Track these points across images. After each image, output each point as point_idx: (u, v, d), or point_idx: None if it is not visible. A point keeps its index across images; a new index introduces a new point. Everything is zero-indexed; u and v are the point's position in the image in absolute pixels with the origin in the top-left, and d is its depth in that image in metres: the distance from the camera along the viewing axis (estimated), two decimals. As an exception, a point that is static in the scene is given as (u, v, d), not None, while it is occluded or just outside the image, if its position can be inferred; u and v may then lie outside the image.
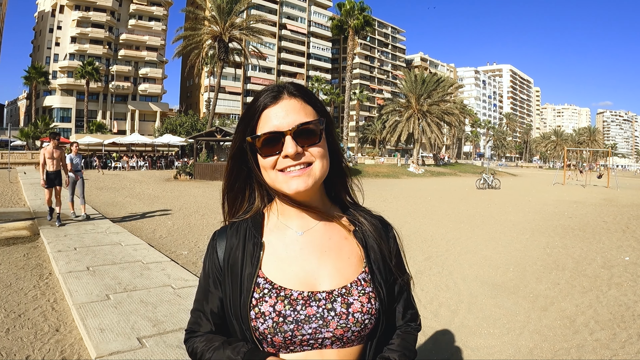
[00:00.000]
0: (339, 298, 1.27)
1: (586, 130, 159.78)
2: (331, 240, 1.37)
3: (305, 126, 1.26)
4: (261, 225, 1.39)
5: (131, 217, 14.43)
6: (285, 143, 1.25)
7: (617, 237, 13.46)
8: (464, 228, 14.44)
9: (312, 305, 1.25)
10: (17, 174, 30.85)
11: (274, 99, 1.31)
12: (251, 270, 1.30)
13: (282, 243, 1.35)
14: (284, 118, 1.27)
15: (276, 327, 1.22)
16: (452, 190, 32.58)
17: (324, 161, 1.29)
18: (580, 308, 6.89)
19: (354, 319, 1.25)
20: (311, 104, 1.33)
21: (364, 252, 1.36)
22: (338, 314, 1.25)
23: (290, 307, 1.24)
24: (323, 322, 1.24)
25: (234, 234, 1.39)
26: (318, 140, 1.28)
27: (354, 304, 1.27)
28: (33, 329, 5.29)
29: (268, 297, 1.26)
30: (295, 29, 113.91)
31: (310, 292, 1.27)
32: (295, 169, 1.26)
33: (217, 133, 34.47)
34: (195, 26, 49.74)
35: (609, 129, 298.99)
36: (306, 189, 1.26)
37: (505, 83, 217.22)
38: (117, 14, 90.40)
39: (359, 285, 1.30)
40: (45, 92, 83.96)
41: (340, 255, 1.35)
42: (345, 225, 1.41)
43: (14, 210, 14.64)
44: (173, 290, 6.48)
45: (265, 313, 1.24)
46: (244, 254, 1.34)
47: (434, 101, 67.15)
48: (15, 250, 9.17)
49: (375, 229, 1.42)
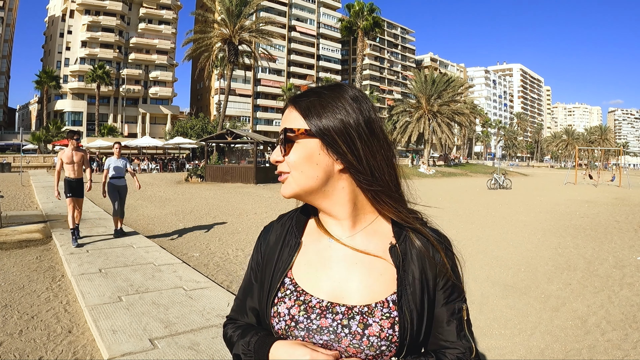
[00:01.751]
0: (357, 316, 1.17)
1: (597, 129, 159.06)
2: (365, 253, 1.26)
3: (284, 134, 1.23)
4: (303, 225, 1.35)
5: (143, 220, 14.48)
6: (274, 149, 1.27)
7: (629, 237, 13.37)
8: (474, 228, 14.40)
9: (327, 317, 1.18)
10: (29, 178, 31.07)
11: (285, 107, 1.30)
12: (282, 268, 1.28)
13: (316, 248, 1.29)
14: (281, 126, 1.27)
15: (287, 330, 1.19)
16: (463, 191, 32.46)
17: (299, 172, 1.22)
18: (591, 308, 6.85)
19: (368, 342, 1.15)
20: (300, 110, 1.23)
21: (397, 271, 1.23)
22: (352, 332, 1.16)
23: (305, 313, 1.19)
24: (335, 337, 1.16)
25: (279, 229, 1.38)
26: (285, 151, 1.23)
27: (372, 326, 1.16)
28: (46, 331, 5.33)
29: (288, 298, 1.23)
30: (304, 30, 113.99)
31: (330, 302, 1.20)
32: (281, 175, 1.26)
33: (228, 135, 34.47)
34: (204, 29, 49.86)
35: (621, 128, 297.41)
36: (287, 196, 1.25)
37: (516, 82, 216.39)
38: (127, 17, 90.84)
39: (385, 307, 1.19)
40: (57, 96, 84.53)
41: (371, 271, 1.24)
42: (387, 238, 1.28)
43: (27, 213, 14.75)
44: (185, 292, 6.51)
45: (280, 314, 1.21)
46: (281, 251, 1.32)
47: (444, 101, 66.97)
48: (28, 253, 9.24)
49: (423, 246, 1.28)
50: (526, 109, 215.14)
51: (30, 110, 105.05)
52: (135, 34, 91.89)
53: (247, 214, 16.22)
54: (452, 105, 68.33)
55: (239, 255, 9.82)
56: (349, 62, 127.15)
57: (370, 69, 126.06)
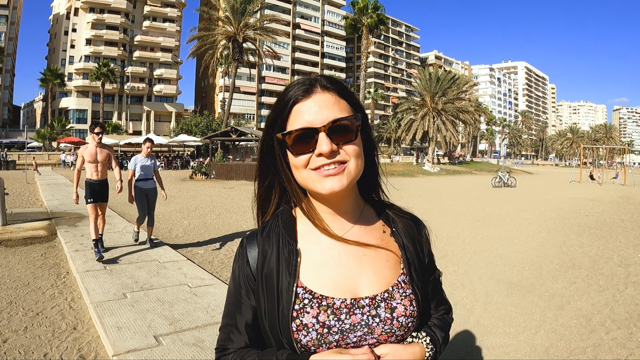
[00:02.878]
0: (382, 303, 1.21)
1: (602, 127, 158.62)
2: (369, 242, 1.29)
3: (341, 122, 1.18)
4: (294, 229, 1.31)
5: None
6: (319, 140, 1.17)
7: (634, 235, 13.34)
8: (479, 226, 14.38)
9: (356, 313, 1.19)
10: (34, 175, 31.14)
11: (306, 93, 1.22)
12: (289, 280, 1.22)
13: (319, 248, 1.28)
14: (317, 113, 1.19)
15: (321, 339, 1.16)
16: (467, 189, 32.42)
17: (359, 160, 1.22)
18: (596, 307, 6.84)
19: (398, 323, 1.21)
20: (346, 97, 1.25)
21: (401, 254, 1.31)
22: (383, 319, 1.19)
23: (334, 316, 1.18)
24: (368, 329, 1.18)
25: (266, 240, 1.31)
26: (354, 137, 1.21)
27: (397, 308, 1.22)
28: (51, 327, 5.35)
29: (309, 307, 1.19)
30: (309, 28, 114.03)
31: (352, 299, 1.21)
32: (329, 167, 1.18)
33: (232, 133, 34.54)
34: (209, 27, 49.97)
35: (626, 126, 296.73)
36: (341, 188, 1.18)
37: (520, 80, 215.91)
38: (132, 15, 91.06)
39: (400, 288, 1.25)
40: (61, 94, 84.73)
41: (379, 259, 1.28)
42: (381, 226, 1.35)
43: (32, 210, 14.78)
44: (189, 289, 6.53)
45: (308, 325, 1.17)
46: (279, 262, 1.26)
47: (448, 99, 66.86)
48: (33, 250, 9.27)
49: (410, 228, 1.38)
50: (531, 107, 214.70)
51: (35, 108, 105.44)
52: (140, 31, 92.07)
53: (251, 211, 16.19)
54: (457, 103, 68.23)
55: (244, 253, 9.81)
56: (354, 59, 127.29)
57: (374, 66, 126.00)
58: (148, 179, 9.56)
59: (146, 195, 9.49)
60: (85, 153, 8.48)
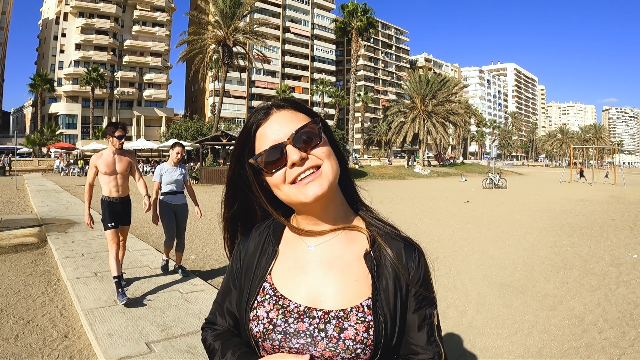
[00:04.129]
0: (333, 320, 1.20)
1: (592, 127, 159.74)
2: (342, 259, 1.29)
3: (303, 130, 1.22)
4: (280, 233, 1.37)
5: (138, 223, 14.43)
6: (287, 152, 1.20)
7: (625, 235, 13.41)
8: (471, 228, 14.41)
9: (304, 321, 1.20)
10: (24, 181, 30.98)
11: (265, 116, 1.28)
12: (260, 274, 1.30)
13: (295, 254, 1.32)
14: (279, 130, 1.23)
15: (265, 333, 1.21)
16: (458, 191, 32.52)
17: (332, 160, 1.24)
18: (588, 307, 6.87)
19: (344, 345, 1.17)
20: (301, 110, 1.30)
21: (371, 278, 1.26)
22: (328, 336, 1.18)
23: (283, 317, 1.22)
24: (311, 340, 1.18)
25: (257, 237, 1.39)
26: (319, 140, 1.23)
27: (348, 330, 1.18)
28: (42, 335, 5.31)
29: (267, 302, 1.25)
30: (298, 32, 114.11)
31: (307, 307, 1.22)
32: (306, 175, 1.20)
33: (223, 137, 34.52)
34: (199, 31, 49.88)
35: (615, 126, 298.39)
36: (323, 191, 1.20)
37: (510, 82, 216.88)
38: (121, 20, 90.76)
39: (360, 312, 1.21)
40: (51, 99, 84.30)
41: (347, 276, 1.27)
42: (363, 244, 1.32)
43: (22, 217, 14.70)
44: (181, 294, 6.50)
45: (259, 317, 1.23)
46: (260, 258, 1.34)
47: (438, 101, 67.08)
48: (23, 257, 9.20)
49: (396, 252, 1.30)
50: (520, 108, 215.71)
51: (25, 113, 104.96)
52: (129, 36, 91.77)
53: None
54: (447, 105, 68.45)
55: (235, 257, 9.78)
56: (343, 63, 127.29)
57: (364, 69, 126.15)
58: (177, 193, 7.97)
59: (175, 212, 7.92)
60: (100, 162, 6.55)
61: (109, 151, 6.64)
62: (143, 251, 9.50)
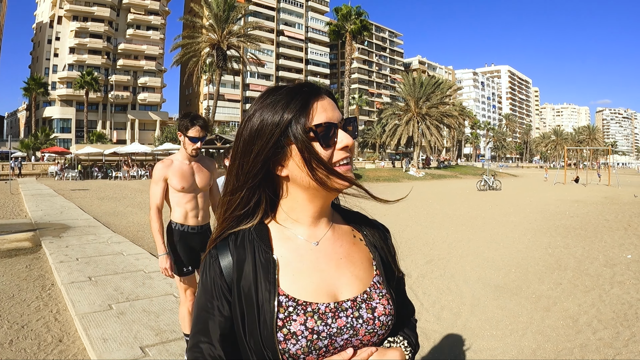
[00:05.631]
0: (363, 304, 1.23)
1: (586, 128, 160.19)
2: (342, 248, 1.31)
3: (353, 121, 1.26)
4: (268, 237, 1.26)
5: (132, 227, 14.41)
6: (339, 135, 1.20)
7: (619, 235, 13.45)
8: (465, 230, 14.43)
9: (340, 316, 1.19)
10: (18, 185, 30.88)
11: (318, 92, 1.22)
12: (269, 289, 1.17)
13: (297, 254, 1.25)
14: (332, 111, 1.21)
15: (311, 345, 1.14)
16: (453, 193, 32.55)
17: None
18: (583, 307, 6.88)
19: (380, 322, 1.23)
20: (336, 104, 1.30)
21: (374, 255, 1.35)
22: (366, 320, 1.21)
23: (322, 321, 1.16)
24: (354, 331, 1.19)
25: (240, 249, 1.23)
26: (354, 136, 1.26)
27: (377, 307, 1.24)
28: (36, 340, 5.29)
29: (295, 315, 1.15)
30: (292, 35, 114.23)
31: (335, 302, 1.20)
32: (347, 161, 1.21)
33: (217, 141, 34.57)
34: (193, 35, 49.91)
35: (609, 127, 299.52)
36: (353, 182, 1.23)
37: (504, 84, 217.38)
38: (115, 24, 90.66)
39: (376, 289, 1.28)
40: (45, 103, 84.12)
41: (354, 261, 1.30)
42: (350, 231, 1.37)
43: (16, 222, 14.65)
44: (175, 299, 6.48)
45: (296, 333, 1.14)
46: (257, 272, 1.20)
47: (432, 104, 67.10)
48: (17, 262, 9.17)
49: (377, 232, 1.42)
50: (515, 110, 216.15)
51: (19, 117, 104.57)
52: (124, 40, 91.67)
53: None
54: (441, 107, 68.46)
55: (230, 261, 9.77)
56: (338, 66, 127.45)
57: (358, 72, 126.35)
58: None
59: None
60: (173, 173, 4.34)
61: (181, 157, 4.41)
62: (137, 255, 9.47)
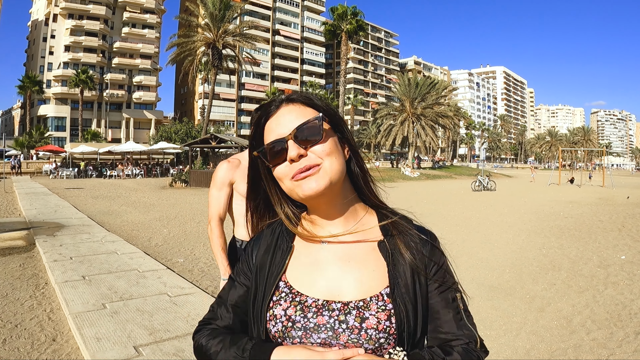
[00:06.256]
0: (354, 311, 1.19)
1: (580, 130, 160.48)
2: (357, 250, 1.29)
3: (304, 126, 1.21)
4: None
5: (127, 226, 14.38)
6: (288, 148, 1.20)
7: (613, 236, 13.49)
8: (459, 231, 14.44)
9: (324, 314, 1.19)
10: (13, 184, 30.78)
11: (275, 109, 1.28)
12: (275, 272, 1.28)
13: (308, 250, 1.31)
14: (284, 125, 1.23)
15: (285, 332, 1.18)
16: (447, 193, 32.59)
17: (333, 158, 1.22)
18: (576, 308, 6.90)
19: (366, 335, 1.15)
20: (310, 105, 1.28)
21: (387, 266, 1.26)
22: (350, 327, 1.16)
23: (302, 313, 1.20)
24: (333, 333, 1.16)
25: (269, 235, 1.38)
26: (320, 138, 1.22)
27: (369, 319, 1.17)
28: (30, 339, 5.27)
29: (283, 300, 1.23)
30: (288, 34, 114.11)
31: (325, 300, 1.21)
32: (303, 172, 1.20)
33: (212, 140, 34.47)
34: (188, 33, 49.75)
35: (604, 129, 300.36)
36: (319, 189, 1.20)
37: (499, 85, 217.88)
38: (111, 22, 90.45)
39: (380, 301, 1.21)
40: (40, 101, 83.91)
41: (364, 266, 1.27)
42: (376, 235, 1.33)
43: (10, 220, 14.59)
44: (169, 298, 6.47)
45: (277, 316, 1.21)
46: (274, 256, 1.32)
47: (428, 104, 67.22)
48: (11, 261, 9.13)
49: (411, 240, 1.32)
50: (510, 111, 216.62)
51: (13, 115, 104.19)
52: (119, 38, 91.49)
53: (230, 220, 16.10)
54: (436, 108, 68.64)
55: (225, 260, 9.76)
56: (333, 65, 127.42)
57: (354, 72, 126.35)
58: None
59: None
60: (241, 176, 3.58)
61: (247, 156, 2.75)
62: (131, 254, 9.45)
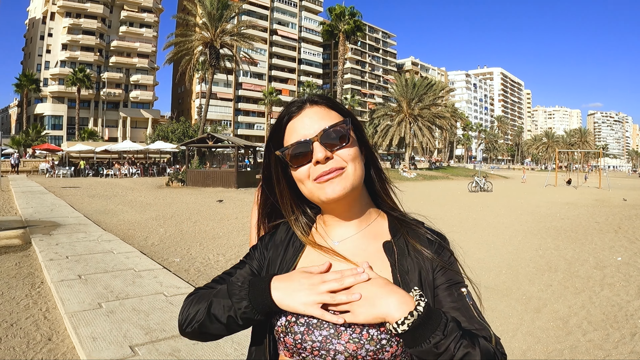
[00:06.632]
0: None
1: (577, 131, 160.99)
2: (365, 252, 1.29)
3: (332, 129, 1.23)
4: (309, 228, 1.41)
5: (123, 225, 14.36)
6: (314, 149, 1.22)
7: (610, 238, 13.51)
8: (456, 231, 14.44)
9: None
10: (9, 182, 30.71)
11: (298, 110, 1.29)
12: (285, 268, 1.30)
13: (319, 250, 1.33)
14: (310, 126, 1.25)
15: (288, 327, 1.18)
16: (444, 194, 32.62)
17: (356, 163, 1.25)
18: (573, 309, 6.90)
19: (367, 334, 1.13)
20: (335, 108, 1.31)
21: (391, 266, 1.25)
22: (352, 326, 1.14)
23: None
24: (335, 331, 1.15)
25: (285, 230, 1.41)
26: (347, 141, 1.24)
27: None
28: (25, 339, 5.25)
29: None
30: (286, 34, 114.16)
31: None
32: (328, 175, 1.22)
33: (209, 139, 34.46)
34: (186, 33, 49.76)
35: (600, 130, 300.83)
36: (342, 192, 1.22)
37: (496, 86, 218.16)
38: (108, 20, 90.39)
39: None
40: (37, 99, 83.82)
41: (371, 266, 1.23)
42: (385, 237, 1.33)
43: (6, 219, 14.55)
44: (165, 297, 6.46)
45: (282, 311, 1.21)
46: (286, 252, 1.35)
47: (425, 105, 67.31)
48: (7, 259, 9.11)
49: (419, 241, 1.31)
50: (507, 112, 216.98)
51: (10, 113, 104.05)
52: (116, 37, 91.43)
53: (228, 219, 16.15)
54: (433, 108, 68.72)
55: (220, 260, 9.77)
56: (330, 66, 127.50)
57: (351, 72, 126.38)
58: None
59: None
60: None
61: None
62: (128, 254, 9.42)
